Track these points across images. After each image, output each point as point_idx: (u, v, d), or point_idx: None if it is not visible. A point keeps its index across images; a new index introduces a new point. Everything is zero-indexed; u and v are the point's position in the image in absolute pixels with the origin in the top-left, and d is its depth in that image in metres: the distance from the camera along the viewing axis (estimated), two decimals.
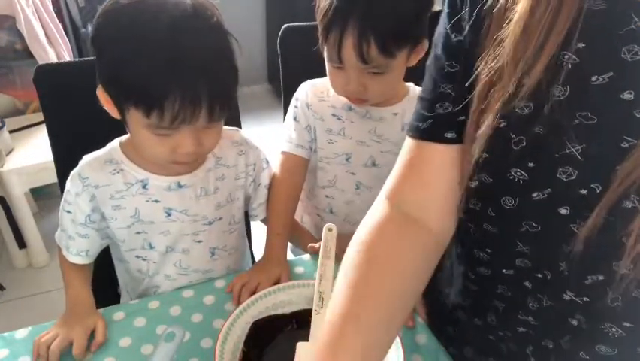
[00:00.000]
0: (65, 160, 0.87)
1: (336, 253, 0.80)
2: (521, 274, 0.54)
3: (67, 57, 1.99)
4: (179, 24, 0.63)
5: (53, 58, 1.90)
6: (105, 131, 0.79)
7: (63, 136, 0.95)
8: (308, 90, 0.97)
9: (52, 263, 1.87)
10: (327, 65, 0.87)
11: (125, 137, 0.80)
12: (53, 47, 1.93)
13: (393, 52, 0.79)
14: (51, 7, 1.97)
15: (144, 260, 0.83)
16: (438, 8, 2.01)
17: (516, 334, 0.59)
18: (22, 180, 1.68)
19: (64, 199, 0.79)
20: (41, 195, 2.04)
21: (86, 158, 0.78)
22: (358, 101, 0.90)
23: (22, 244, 1.83)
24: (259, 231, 1.01)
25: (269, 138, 1.01)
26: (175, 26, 0.62)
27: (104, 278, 0.91)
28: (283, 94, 1.12)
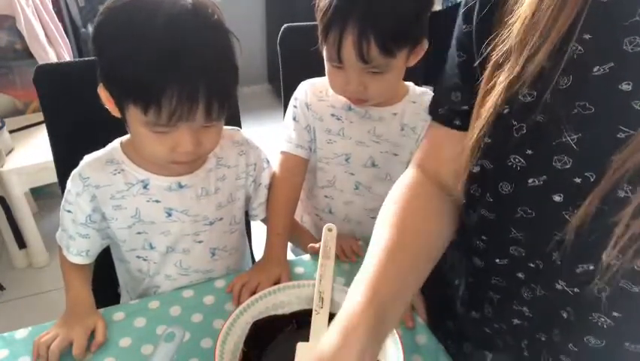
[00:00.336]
0: (65, 160, 0.87)
1: (336, 253, 0.80)
2: (515, 264, 0.55)
3: (67, 57, 1.99)
4: (177, 21, 0.63)
5: (53, 58, 1.90)
6: (105, 131, 0.79)
7: (63, 136, 0.95)
8: (307, 90, 0.96)
9: (52, 263, 1.87)
10: (326, 65, 0.87)
11: (126, 137, 0.80)
12: (53, 47, 1.93)
13: (393, 51, 0.79)
14: (51, 7, 1.98)
15: (145, 260, 0.83)
16: (438, 8, 2.01)
17: (511, 326, 0.59)
18: (22, 180, 1.68)
19: (64, 199, 0.79)
20: (41, 195, 2.04)
21: (87, 158, 0.78)
22: (358, 101, 0.89)
23: (22, 244, 1.83)
24: (259, 231, 1.01)
25: (269, 138, 1.01)
26: (173, 23, 0.63)
27: (104, 278, 0.91)
28: (283, 94, 1.12)
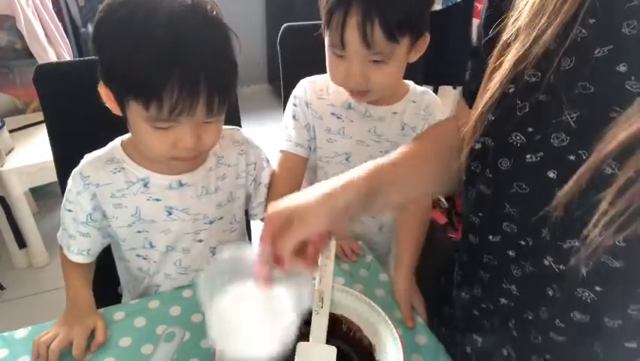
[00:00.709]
0: (65, 160, 0.87)
1: (336, 253, 0.80)
2: (506, 240, 0.57)
3: (67, 57, 1.99)
4: (177, 17, 0.63)
5: (53, 57, 1.90)
6: (105, 130, 0.79)
7: (63, 136, 0.95)
8: (307, 88, 0.96)
9: (52, 263, 1.87)
10: (327, 54, 0.86)
11: (126, 136, 0.80)
12: (53, 47, 1.93)
13: (396, 37, 0.78)
14: (51, 6, 1.98)
15: (145, 259, 0.83)
16: (438, 7, 2.00)
17: (498, 306, 0.60)
18: (22, 180, 1.68)
19: (65, 198, 0.79)
20: (41, 194, 2.04)
21: (87, 157, 0.78)
22: (358, 93, 0.88)
23: (22, 244, 1.83)
24: (259, 230, 1.01)
25: (269, 138, 1.00)
26: (173, 19, 0.63)
27: (105, 278, 0.91)
28: (283, 94, 1.12)
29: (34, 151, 1.71)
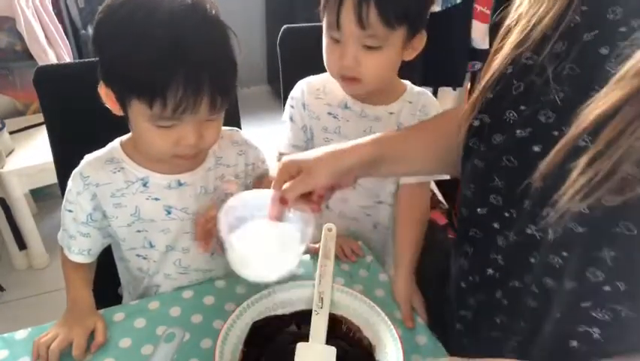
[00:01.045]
0: (65, 161, 0.87)
1: (336, 253, 0.80)
2: (492, 213, 0.60)
3: (67, 58, 1.99)
4: (178, 16, 0.64)
5: (53, 59, 1.90)
6: (105, 132, 0.80)
7: (63, 137, 0.96)
8: (304, 89, 0.96)
9: (52, 264, 1.87)
10: (324, 41, 0.86)
11: (126, 136, 0.80)
12: (53, 49, 1.94)
13: (392, 22, 0.78)
14: (51, 8, 1.98)
15: (144, 259, 0.83)
16: (437, 9, 2.00)
17: (484, 276, 0.63)
18: (22, 181, 1.68)
19: (65, 199, 0.80)
20: (41, 196, 2.04)
21: (87, 157, 0.79)
22: (350, 81, 0.86)
23: (22, 245, 1.83)
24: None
25: (268, 139, 1.01)
26: (174, 18, 0.64)
27: (106, 279, 0.91)
28: (283, 95, 1.12)
29: (34, 153, 1.71)
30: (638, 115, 0.42)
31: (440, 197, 1.84)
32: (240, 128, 0.99)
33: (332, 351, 0.64)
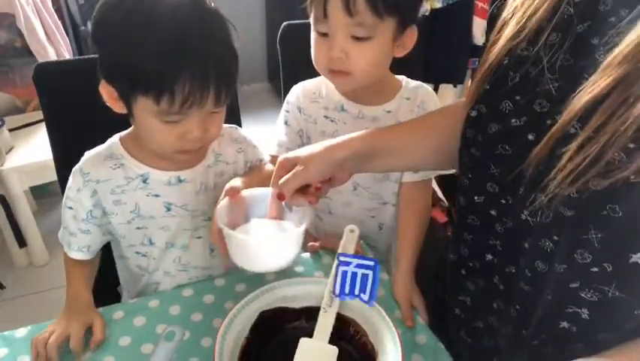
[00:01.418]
0: (65, 158, 0.87)
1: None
2: (489, 201, 0.62)
3: (66, 55, 1.99)
4: (180, 11, 0.64)
5: (53, 56, 1.90)
6: (105, 129, 0.79)
7: (63, 134, 0.95)
8: (299, 93, 0.95)
9: (52, 262, 1.87)
10: (312, 37, 0.84)
11: (125, 132, 0.80)
12: (53, 45, 1.93)
13: (380, 10, 0.76)
14: (51, 5, 1.97)
15: (144, 256, 0.83)
16: (438, 5, 1.98)
17: (483, 263, 0.64)
18: (22, 179, 1.68)
19: (66, 196, 0.79)
20: (41, 193, 2.04)
21: (87, 154, 0.79)
22: (341, 74, 0.83)
23: (22, 243, 1.83)
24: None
25: (268, 137, 1.00)
26: (177, 12, 0.64)
27: (105, 278, 0.91)
28: (283, 92, 1.11)
29: (34, 150, 1.71)
30: (625, 101, 0.43)
31: (440, 194, 1.83)
32: (241, 125, 0.98)
33: (334, 351, 0.63)
